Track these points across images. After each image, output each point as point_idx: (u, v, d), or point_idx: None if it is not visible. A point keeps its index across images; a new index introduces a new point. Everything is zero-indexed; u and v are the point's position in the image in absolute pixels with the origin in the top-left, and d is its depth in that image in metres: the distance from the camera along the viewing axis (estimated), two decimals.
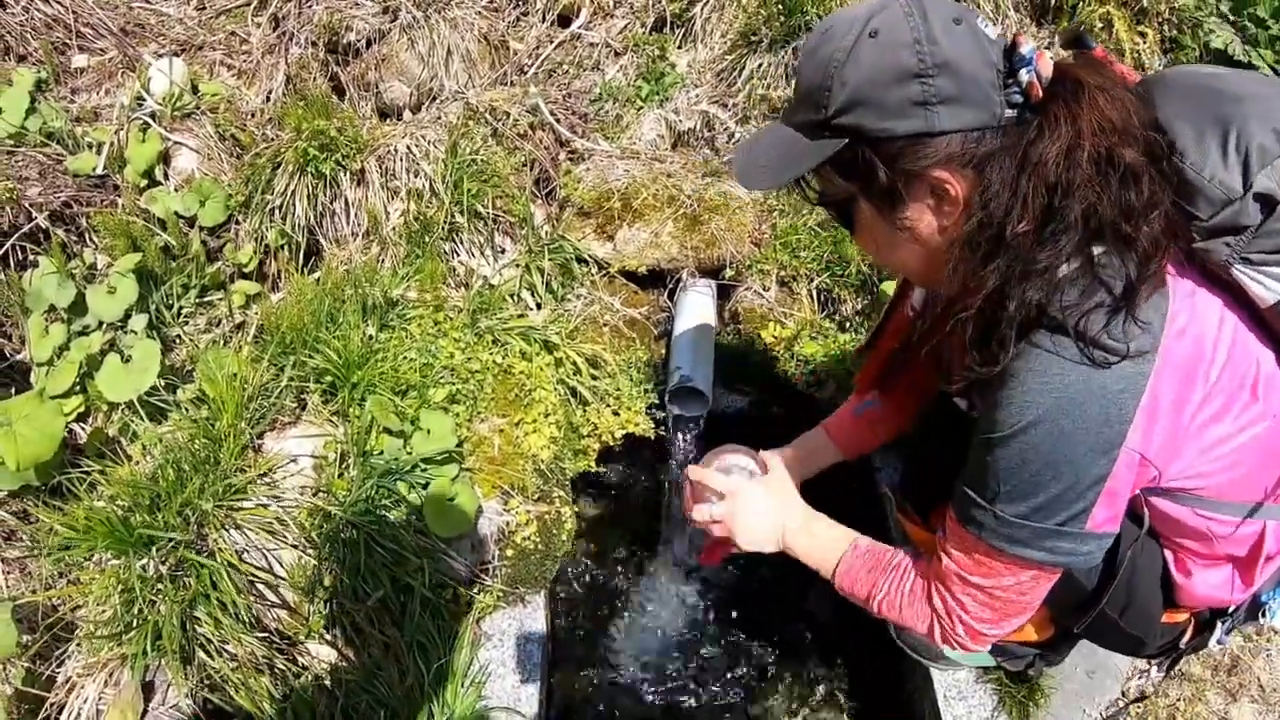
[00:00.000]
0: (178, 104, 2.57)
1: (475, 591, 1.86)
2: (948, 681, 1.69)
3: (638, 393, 2.27)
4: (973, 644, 1.13)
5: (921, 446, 1.60)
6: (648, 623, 2.17)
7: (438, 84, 2.73)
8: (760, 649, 2.09)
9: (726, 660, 2.08)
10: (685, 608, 2.19)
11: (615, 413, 2.24)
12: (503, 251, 2.52)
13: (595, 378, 2.27)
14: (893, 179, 0.97)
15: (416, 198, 2.47)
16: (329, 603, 1.73)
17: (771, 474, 1.40)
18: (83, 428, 2.04)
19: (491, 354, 2.17)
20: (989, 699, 1.66)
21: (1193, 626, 1.31)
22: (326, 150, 2.42)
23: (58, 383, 1.98)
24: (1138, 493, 1.07)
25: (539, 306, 2.43)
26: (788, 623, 2.11)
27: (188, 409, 1.97)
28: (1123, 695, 1.68)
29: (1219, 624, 1.28)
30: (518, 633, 1.82)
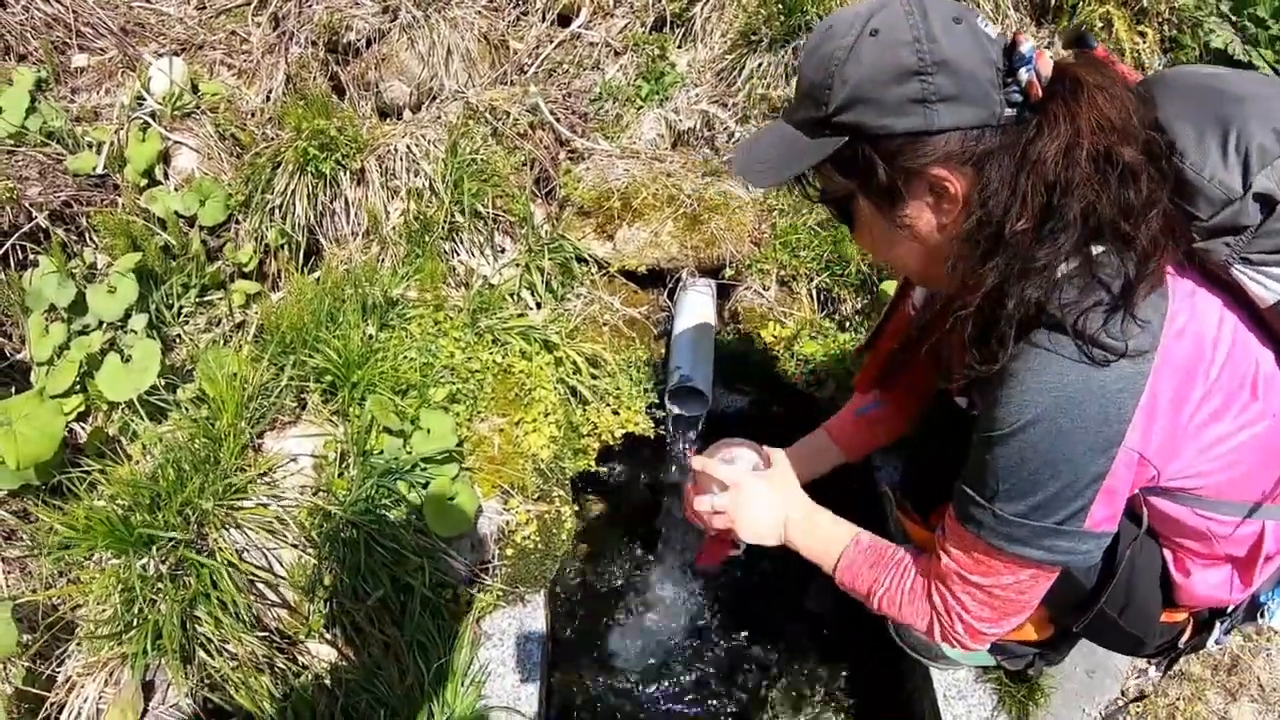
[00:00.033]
0: (178, 103, 2.57)
1: (475, 591, 1.86)
2: (947, 681, 1.69)
3: (637, 392, 2.27)
4: (972, 642, 1.13)
5: (921, 446, 1.60)
6: (647, 622, 2.17)
7: (438, 83, 2.73)
8: (760, 648, 2.09)
9: (726, 659, 2.08)
10: (685, 607, 2.19)
11: (615, 412, 2.24)
12: (503, 251, 2.52)
13: (595, 377, 2.27)
14: (892, 176, 0.98)
15: (416, 197, 2.47)
16: (329, 602, 1.74)
17: (775, 467, 1.40)
18: (83, 427, 2.04)
19: (491, 353, 2.17)
20: (989, 698, 1.66)
21: (1191, 626, 1.31)
22: (326, 150, 2.42)
23: (58, 382, 1.98)
24: (1136, 492, 1.07)
25: (539, 306, 2.43)
26: (788, 622, 2.11)
27: (188, 408, 1.97)
28: (1122, 694, 1.68)
29: (1218, 624, 1.28)
30: (518, 632, 1.82)
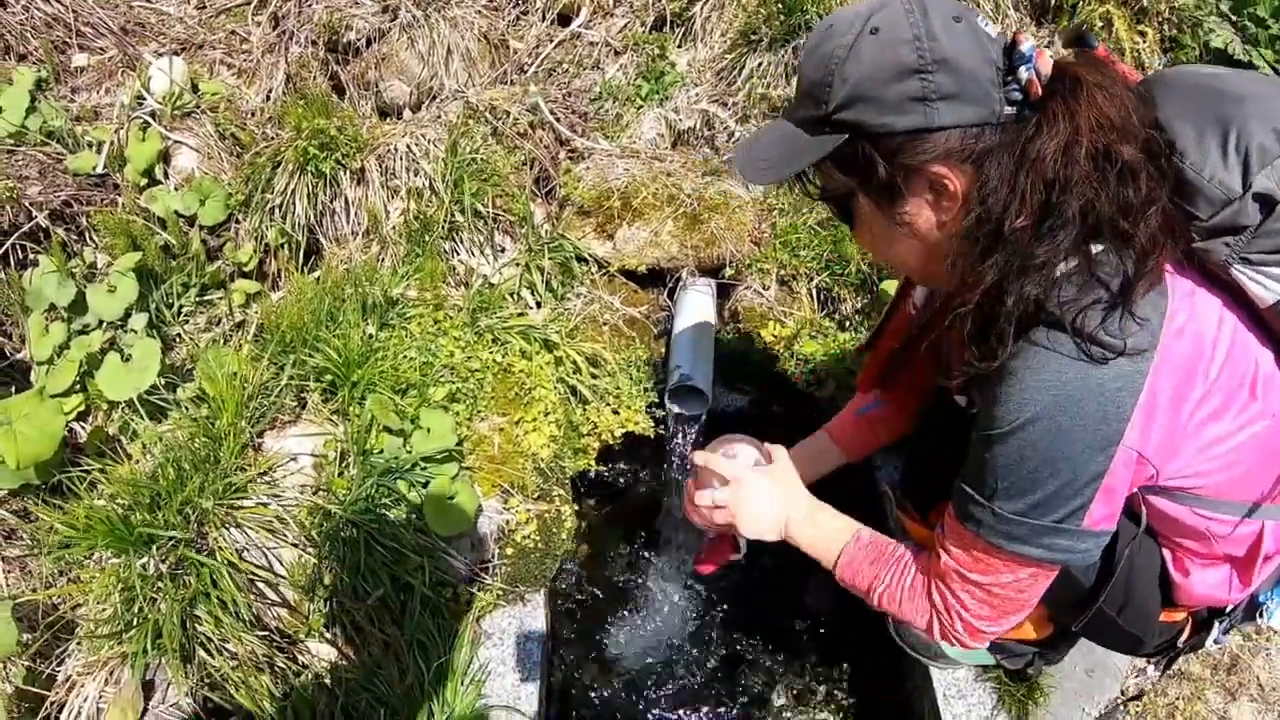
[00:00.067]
0: (178, 103, 2.57)
1: (475, 590, 1.86)
2: (947, 680, 1.69)
3: (637, 391, 2.27)
4: (971, 641, 1.13)
5: (921, 444, 1.60)
6: (647, 621, 2.17)
7: (437, 83, 2.73)
8: (760, 647, 2.09)
9: (726, 658, 2.08)
10: (685, 606, 2.19)
11: (615, 411, 2.24)
12: (502, 250, 2.53)
13: (595, 376, 2.27)
14: (892, 174, 0.98)
15: (416, 196, 2.47)
16: (329, 601, 1.74)
17: (776, 463, 1.40)
18: (83, 426, 2.04)
19: (491, 353, 2.17)
20: (988, 697, 1.66)
21: (1190, 626, 1.31)
22: (326, 149, 2.42)
23: (58, 381, 1.98)
24: (1135, 491, 1.07)
25: (539, 305, 2.43)
26: (787, 620, 2.11)
27: (188, 408, 1.97)
28: (1122, 694, 1.68)
29: (1216, 623, 1.28)
30: (517, 631, 1.82)
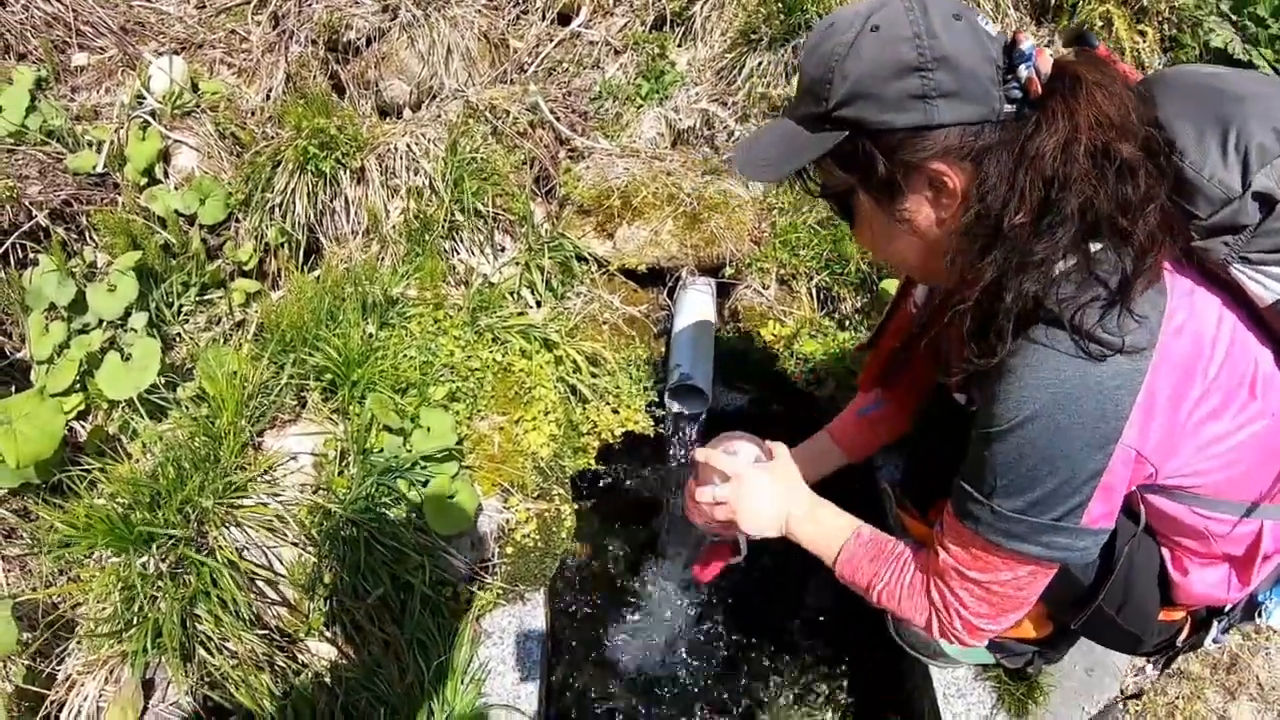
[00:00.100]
0: (178, 102, 2.57)
1: (475, 589, 1.86)
2: (947, 679, 1.69)
3: (637, 390, 2.27)
4: (970, 639, 1.13)
5: (921, 442, 1.60)
6: (647, 620, 2.17)
7: (437, 82, 2.73)
8: (760, 646, 2.09)
9: (725, 657, 2.08)
10: (684, 605, 2.19)
11: (615, 410, 2.24)
12: (502, 249, 2.53)
13: (595, 375, 2.27)
14: (891, 171, 0.98)
15: (416, 196, 2.47)
16: (329, 600, 1.74)
17: (778, 460, 1.40)
18: (83, 425, 2.04)
19: (491, 352, 2.17)
20: (988, 696, 1.66)
21: (1189, 625, 1.31)
22: (326, 148, 2.42)
23: (58, 381, 1.98)
24: (1134, 490, 1.08)
25: (539, 304, 2.43)
26: (787, 620, 2.11)
27: (188, 407, 1.97)
28: (1121, 693, 1.69)
29: (1215, 623, 1.29)
30: (517, 630, 1.82)
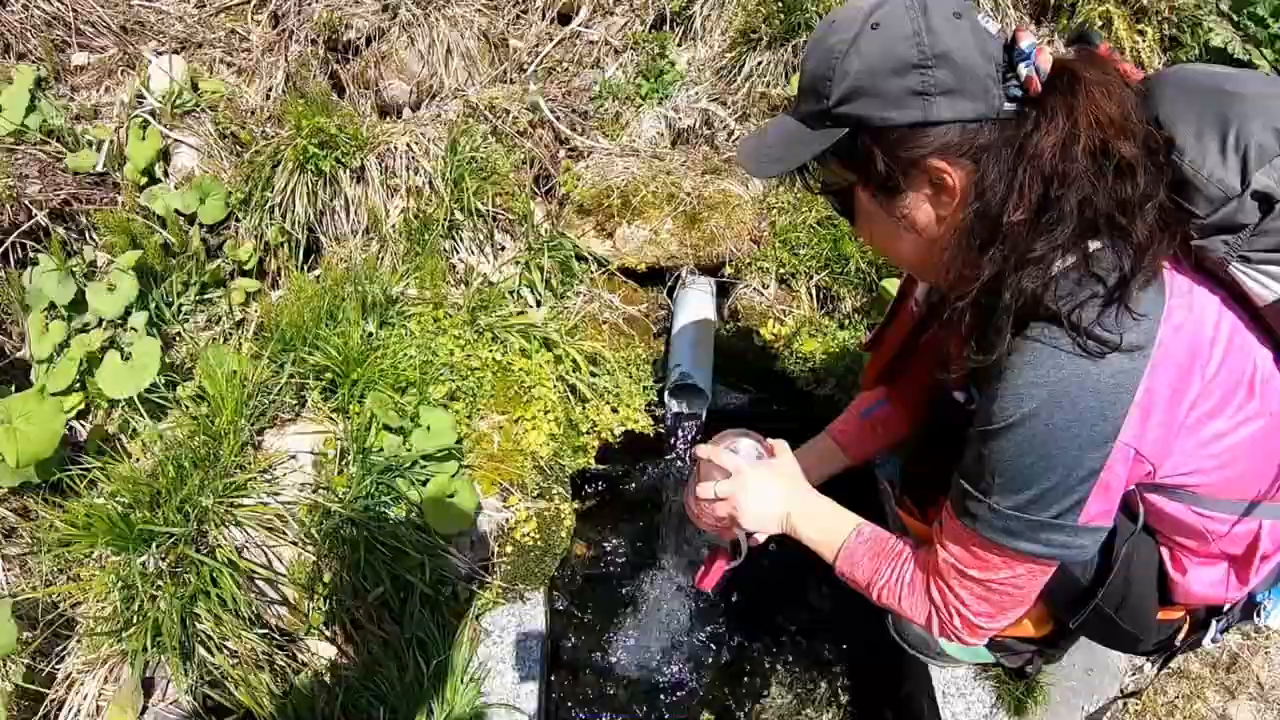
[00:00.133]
0: (178, 101, 2.57)
1: (475, 588, 1.86)
2: (946, 678, 1.70)
3: (637, 390, 2.27)
4: (970, 637, 1.13)
5: (921, 440, 1.60)
6: (646, 619, 2.17)
7: (437, 81, 2.73)
8: (759, 646, 2.09)
9: (725, 657, 2.09)
10: (684, 604, 2.19)
11: (614, 410, 2.24)
12: (502, 249, 2.53)
13: (595, 375, 2.27)
14: (891, 168, 0.99)
15: (416, 195, 2.47)
16: (329, 599, 1.74)
17: (779, 457, 1.40)
18: (83, 425, 2.04)
19: (491, 351, 2.17)
20: (988, 696, 1.67)
21: (1188, 624, 1.31)
22: (326, 148, 2.42)
23: (58, 380, 1.98)
24: (1133, 488, 1.08)
25: (539, 304, 2.43)
26: (787, 620, 2.11)
27: (188, 406, 1.97)
28: (1120, 692, 1.69)
29: (1214, 622, 1.28)
30: (517, 629, 1.83)
